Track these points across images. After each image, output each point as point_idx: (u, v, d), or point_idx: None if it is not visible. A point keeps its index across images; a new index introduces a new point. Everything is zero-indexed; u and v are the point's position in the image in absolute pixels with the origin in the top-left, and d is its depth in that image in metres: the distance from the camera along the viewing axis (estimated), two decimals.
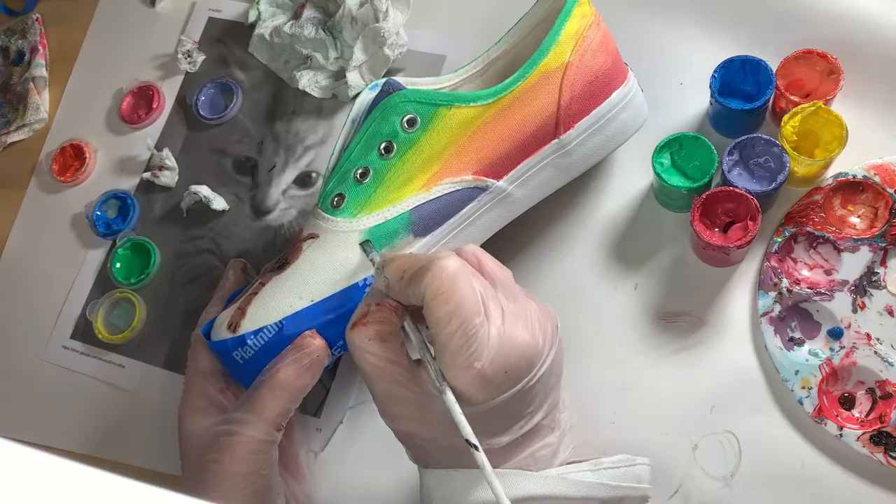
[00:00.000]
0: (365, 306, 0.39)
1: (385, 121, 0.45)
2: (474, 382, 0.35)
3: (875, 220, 0.47)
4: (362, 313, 0.38)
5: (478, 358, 0.35)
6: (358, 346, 0.38)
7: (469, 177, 0.46)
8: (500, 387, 0.36)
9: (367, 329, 0.38)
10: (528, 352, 0.36)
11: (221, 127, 0.62)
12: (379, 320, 0.38)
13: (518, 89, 0.45)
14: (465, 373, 0.35)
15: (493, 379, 0.35)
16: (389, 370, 0.37)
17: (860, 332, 0.45)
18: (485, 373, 0.35)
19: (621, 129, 0.48)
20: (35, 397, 0.58)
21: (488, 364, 0.35)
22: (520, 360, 0.36)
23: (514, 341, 0.36)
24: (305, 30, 0.58)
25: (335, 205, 0.46)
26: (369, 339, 0.37)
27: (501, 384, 0.36)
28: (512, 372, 0.36)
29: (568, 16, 0.46)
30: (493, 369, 0.35)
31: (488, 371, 0.35)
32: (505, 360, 0.35)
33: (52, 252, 0.62)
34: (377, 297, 0.39)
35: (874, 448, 0.43)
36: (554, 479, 0.39)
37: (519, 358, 0.36)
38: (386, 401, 0.38)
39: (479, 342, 0.35)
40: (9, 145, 0.67)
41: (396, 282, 0.37)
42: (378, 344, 0.37)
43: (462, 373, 0.35)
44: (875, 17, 0.51)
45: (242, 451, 0.43)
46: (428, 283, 0.35)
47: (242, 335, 0.44)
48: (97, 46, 0.68)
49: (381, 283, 0.39)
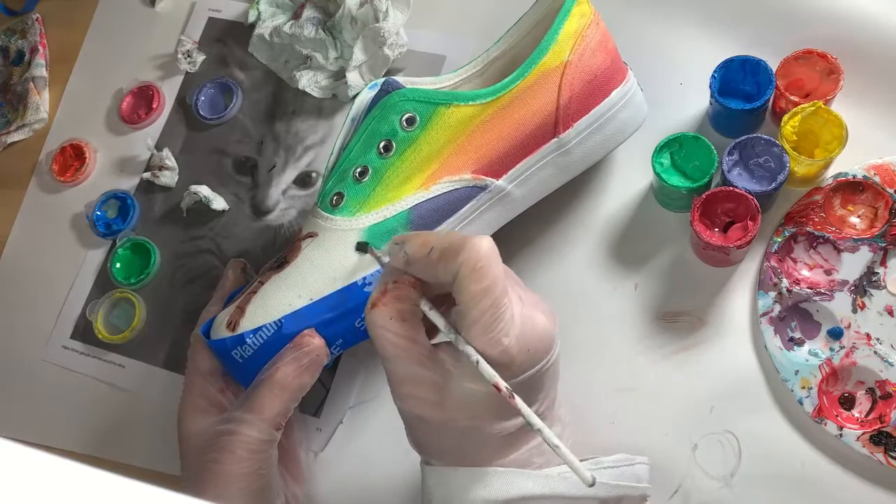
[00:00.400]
0: (382, 286, 0.38)
1: (384, 119, 0.45)
2: (499, 359, 0.35)
3: (875, 220, 0.47)
4: (381, 292, 0.38)
5: (506, 334, 0.35)
6: (379, 325, 0.37)
7: (468, 175, 0.46)
8: (521, 366, 0.36)
9: (388, 308, 0.37)
10: (545, 335, 0.37)
11: (221, 127, 0.62)
12: (399, 298, 0.38)
13: (517, 88, 0.45)
14: (492, 348, 0.35)
15: (516, 357, 0.36)
16: (410, 349, 0.37)
17: (860, 332, 0.45)
18: (511, 350, 0.35)
19: (621, 129, 0.48)
20: (35, 397, 0.58)
21: (515, 342, 0.35)
22: (539, 342, 0.37)
23: (534, 323, 0.36)
24: (305, 30, 0.58)
25: (334, 203, 0.46)
26: (391, 318, 0.37)
27: (523, 363, 0.36)
28: (533, 352, 0.36)
29: (567, 15, 0.46)
30: (519, 347, 0.36)
31: (514, 348, 0.35)
32: (527, 340, 0.36)
33: (52, 252, 0.62)
34: (394, 275, 0.38)
35: (874, 448, 0.43)
36: (554, 478, 0.39)
37: (538, 339, 0.37)
38: (403, 382, 0.38)
39: (508, 320, 0.35)
40: (9, 145, 0.67)
41: (422, 257, 0.37)
42: (399, 323, 0.37)
43: (489, 348, 0.35)
44: (875, 17, 0.51)
45: (242, 451, 0.43)
46: (464, 259, 0.35)
47: (241, 334, 0.44)
48: (97, 46, 0.68)
49: (399, 260, 0.38)
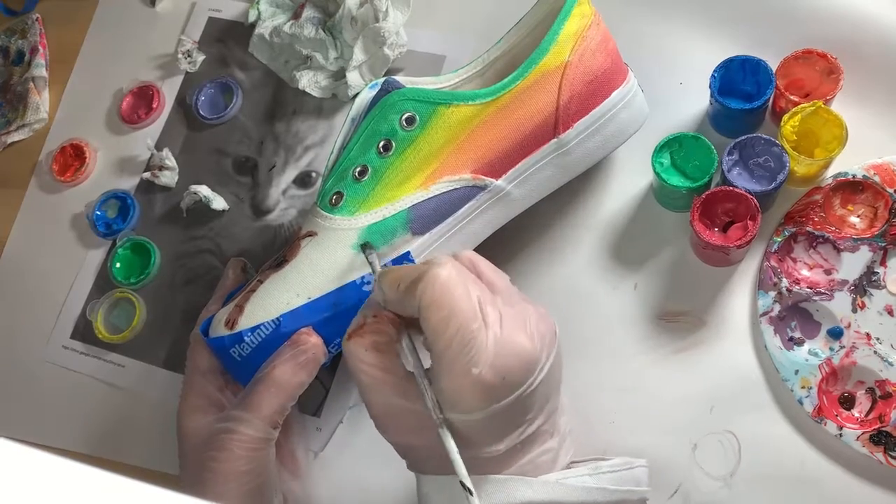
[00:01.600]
0: (361, 317, 0.39)
1: (384, 119, 0.45)
2: (472, 389, 0.35)
3: (875, 220, 0.47)
4: (359, 324, 0.38)
5: (475, 364, 0.34)
6: (354, 355, 0.38)
7: (467, 175, 0.46)
8: (498, 393, 0.35)
9: (364, 339, 0.38)
10: (526, 358, 0.36)
11: (221, 127, 0.62)
12: (375, 331, 0.38)
13: (517, 88, 0.45)
14: (462, 379, 0.35)
15: (491, 385, 0.35)
16: (385, 381, 0.37)
17: (860, 332, 0.45)
18: (482, 379, 0.35)
19: (621, 129, 0.48)
20: (35, 397, 0.58)
21: (486, 369, 0.35)
22: (518, 366, 0.36)
23: (513, 347, 0.35)
24: (305, 30, 0.58)
25: (333, 203, 0.46)
26: (365, 350, 0.37)
27: (500, 391, 0.35)
28: (510, 378, 0.35)
29: (567, 15, 0.46)
30: (492, 375, 0.35)
31: (486, 377, 0.35)
32: (503, 366, 0.35)
33: (52, 252, 0.62)
34: (374, 309, 0.39)
35: (874, 448, 0.43)
36: (553, 484, 0.38)
37: (517, 364, 0.36)
38: (382, 413, 0.38)
39: (477, 347, 0.35)
40: (9, 145, 0.67)
41: (393, 293, 0.37)
42: (374, 354, 0.37)
43: (459, 379, 0.35)
44: (875, 17, 0.51)
45: (239, 449, 0.43)
46: (422, 290, 0.35)
47: (239, 332, 0.44)
48: (97, 46, 0.68)
49: (378, 296, 0.39)
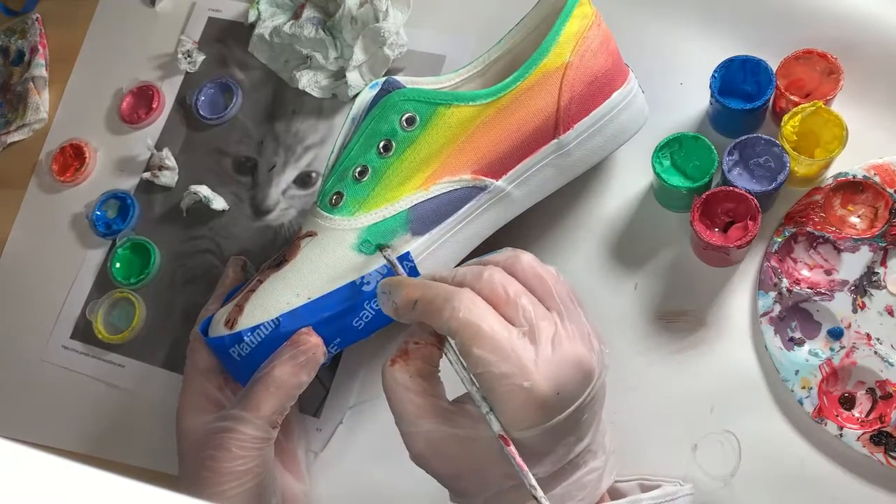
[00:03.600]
0: (404, 344, 0.38)
1: (384, 119, 0.45)
2: (526, 403, 0.34)
3: (875, 220, 0.47)
4: (402, 351, 0.37)
5: (525, 377, 0.34)
6: (400, 382, 0.36)
7: (468, 176, 0.46)
8: (554, 407, 0.35)
9: (409, 366, 0.37)
10: (584, 369, 0.35)
11: (221, 127, 0.62)
12: (420, 357, 0.37)
13: (517, 89, 0.45)
14: (514, 395, 0.34)
15: (545, 399, 0.34)
16: (432, 408, 0.36)
17: (860, 332, 0.45)
18: (536, 392, 0.34)
19: (621, 131, 0.48)
20: (35, 397, 0.58)
21: (540, 382, 0.34)
22: (574, 378, 0.35)
23: (569, 358, 0.35)
24: (305, 30, 0.58)
25: (333, 203, 0.46)
26: (410, 377, 0.37)
27: (555, 404, 0.35)
28: (566, 391, 0.35)
29: (569, 16, 0.46)
30: (547, 388, 0.34)
31: (540, 389, 0.34)
32: (556, 378, 0.34)
33: (52, 252, 0.62)
34: (416, 336, 0.38)
35: (874, 448, 0.43)
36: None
37: (574, 375, 0.35)
38: (427, 443, 0.36)
39: (524, 361, 0.34)
40: (9, 145, 0.67)
41: (407, 312, 0.37)
42: (419, 381, 0.37)
43: (511, 395, 0.34)
44: (875, 17, 0.51)
45: (238, 449, 0.43)
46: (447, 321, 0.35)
47: (239, 332, 0.44)
48: (97, 46, 0.68)
49: (388, 308, 0.38)
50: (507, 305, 0.36)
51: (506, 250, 0.39)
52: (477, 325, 0.34)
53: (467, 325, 0.34)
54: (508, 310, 0.36)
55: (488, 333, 0.34)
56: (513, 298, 0.36)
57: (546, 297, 0.37)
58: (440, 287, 0.37)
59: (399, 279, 0.39)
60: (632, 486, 0.44)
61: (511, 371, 0.34)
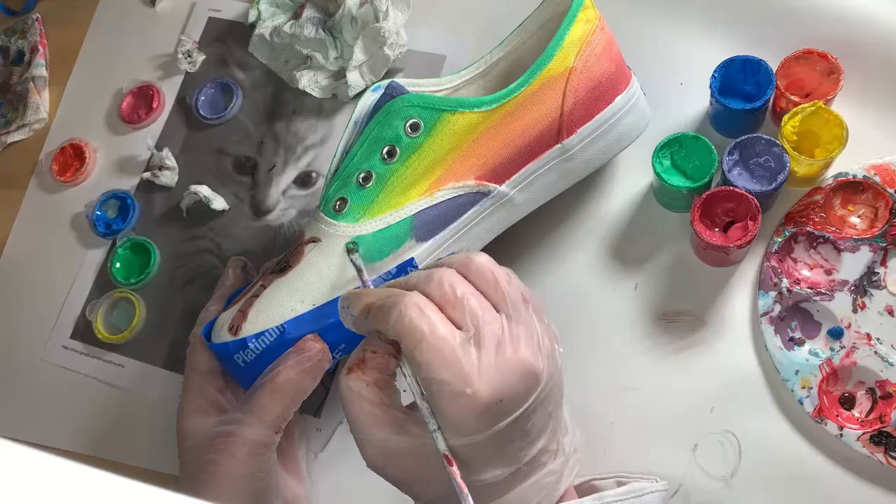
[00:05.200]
0: (361, 352, 0.38)
1: (388, 125, 0.44)
2: (469, 409, 0.34)
3: (875, 220, 0.47)
4: (359, 359, 0.38)
5: (467, 383, 0.34)
6: (355, 391, 0.37)
7: (472, 182, 0.45)
8: (497, 412, 0.35)
9: (366, 375, 0.37)
10: (528, 375, 0.35)
11: (221, 127, 0.62)
12: (377, 367, 0.37)
13: (522, 95, 0.45)
14: (456, 400, 0.34)
15: (488, 404, 0.34)
16: (386, 418, 0.37)
17: (860, 332, 0.45)
18: (477, 398, 0.34)
19: (624, 134, 0.48)
20: (35, 397, 0.58)
21: (482, 388, 0.34)
22: (518, 385, 0.35)
23: (513, 364, 0.35)
24: (305, 30, 0.58)
25: (338, 209, 0.45)
26: (367, 385, 0.37)
27: (499, 409, 0.35)
28: (509, 397, 0.35)
29: (573, 20, 0.45)
30: (488, 393, 0.34)
31: (482, 395, 0.34)
32: (500, 384, 0.34)
33: (52, 252, 0.62)
34: (373, 345, 0.38)
35: (874, 448, 0.43)
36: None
37: (518, 382, 0.35)
38: (380, 452, 0.37)
39: (466, 368, 0.34)
40: (9, 145, 0.67)
41: (361, 321, 0.37)
42: (374, 391, 0.37)
43: (454, 400, 0.34)
44: (875, 17, 0.51)
45: (241, 453, 0.43)
46: (395, 320, 0.35)
47: (244, 338, 0.44)
48: (97, 46, 0.68)
49: (348, 322, 0.38)
50: (454, 307, 0.36)
51: (462, 252, 0.39)
52: (421, 330, 0.34)
53: (411, 330, 0.34)
54: (455, 312, 0.36)
55: (431, 340, 0.34)
56: (460, 300, 0.36)
57: (496, 299, 0.37)
58: (391, 292, 0.37)
59: (357, 291, 0.39)
60: (609, 483, 0.44)
61: (452, 378, 0.34)
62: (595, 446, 0.46)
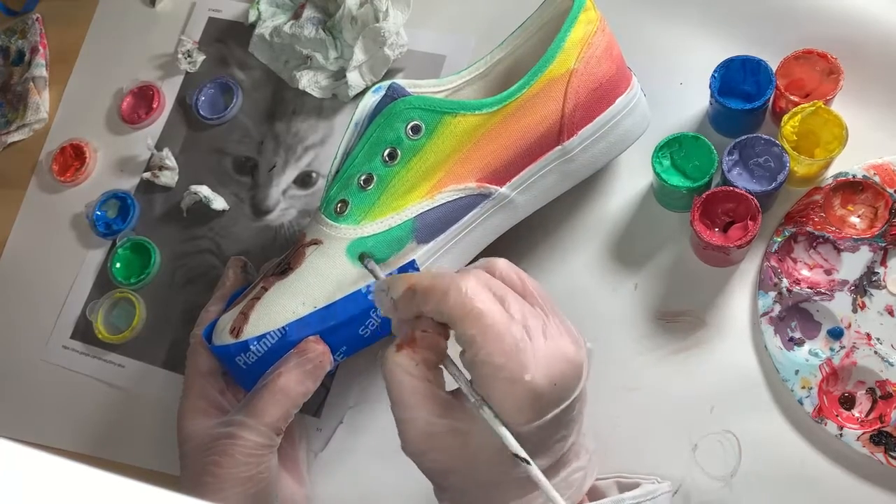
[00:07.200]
0: (410, 331, 0.37)
1: (389, 127, 0.44)
2: (525, 396, 0.34)
3: (875, 220, 0.47)
4: (409, 337, 0.36)
5: (526, 370, 0.33)
6: (403, 368, 0.36)
7: (473, 184, 0.45)
8: (550, 401, 0.34)
9: (416, 353, 0.36)
10: (575, 362, 0.35)
11: (221, 127, 0.62)
12: (429, 346, 0.36)
13: (523, 97, 0.45)
14: (513, 387, 0.33)
15: (543, 392, 0.34)
16: (433, 397, 0.36)
17: (860, 332, 0.45)
18: (535, 385, 0.33)
19: (624, 136, 0.48)
20: (35, 397, 0.58)
21: (539, 375, 0.33)
22: (567, 371, 0.35)
23: (560, 351, 0.35)
24: (305, 30, 0.58)
25: (339, 211, 0.45)
26: (416, 364, 0.36)
27: (551, 397, 0.34)
28: (562, 383, 0.34)
29: (574, 21, 0.45)
30: (545, 381, 0.34)
31: (539, 383, 0.33)
32: (552, 372, 0.34)
33: (52, 252, 0.62)
34: (423, 325, 0.37)
35: (874, 448, 0.43)
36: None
37: (567, 368, 0.35)
38: (423, 432, 0.35)
39: (524, 353, 0.34)
40: (9, 145, 0.67)
41: (406, 302, 0.36)
42: (424, 369, 0.36)
43: (510, 387, 0.33)
44: (875, 17, 0.51)
45: (241, 455, 0.42)
46: (452, 306, 0.34)
47: (245, 340, 0.44)
48: (97, 46, 0.68)
49: (387, 306, 0.37)
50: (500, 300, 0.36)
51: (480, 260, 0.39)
52: (481, 311, 0.34)
53: (472, 311, 0.34)
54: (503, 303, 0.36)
55: (490, 322, 0.34)
56: (500, 295, 0.36)
57: (528, 297, 0.37)
58: (440, 274, 0.36)
59: (397, 275, 0.38)
60: (609, 484, 0.44)
61: (511, 364, 0.33)
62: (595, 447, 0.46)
